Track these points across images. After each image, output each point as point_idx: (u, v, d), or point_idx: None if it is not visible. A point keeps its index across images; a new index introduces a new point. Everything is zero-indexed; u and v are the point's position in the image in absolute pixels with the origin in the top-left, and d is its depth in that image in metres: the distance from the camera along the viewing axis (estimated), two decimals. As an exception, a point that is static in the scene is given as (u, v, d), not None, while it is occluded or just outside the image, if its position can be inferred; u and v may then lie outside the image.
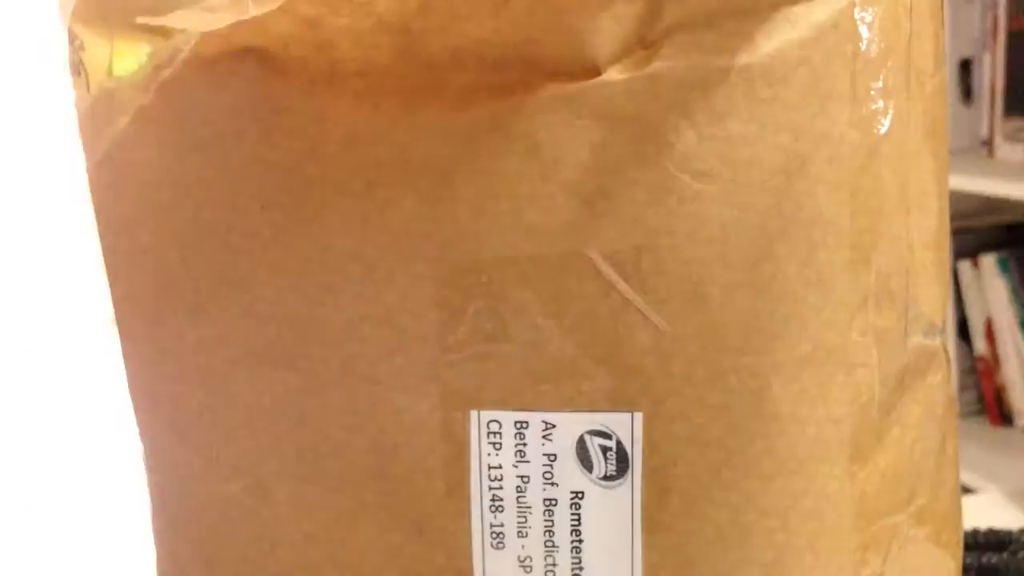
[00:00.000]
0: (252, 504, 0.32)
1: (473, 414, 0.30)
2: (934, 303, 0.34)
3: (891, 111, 0.30)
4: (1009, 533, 0.52)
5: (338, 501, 0.31)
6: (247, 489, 0.32)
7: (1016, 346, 1.44)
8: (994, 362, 1.47)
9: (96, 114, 0.31)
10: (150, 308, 0.32)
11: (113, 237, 0.32)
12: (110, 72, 0.32)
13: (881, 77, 0.30)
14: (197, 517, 0.33)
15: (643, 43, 0.28)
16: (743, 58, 0.28)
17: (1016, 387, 1.45)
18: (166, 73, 0.30)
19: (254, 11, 0.28)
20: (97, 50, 0.32)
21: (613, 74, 0.28)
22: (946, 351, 0.34)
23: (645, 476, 0.30)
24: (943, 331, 0.34)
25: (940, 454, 0.34)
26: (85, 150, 0.32)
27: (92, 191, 0.32)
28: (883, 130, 0.30)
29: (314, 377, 0.31)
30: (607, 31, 0.28)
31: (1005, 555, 0.50)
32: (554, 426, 0.30)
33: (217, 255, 0.31)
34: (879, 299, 0.31)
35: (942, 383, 0.34)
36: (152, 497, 0.34)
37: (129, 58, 0.31)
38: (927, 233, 0.33)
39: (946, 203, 0.34)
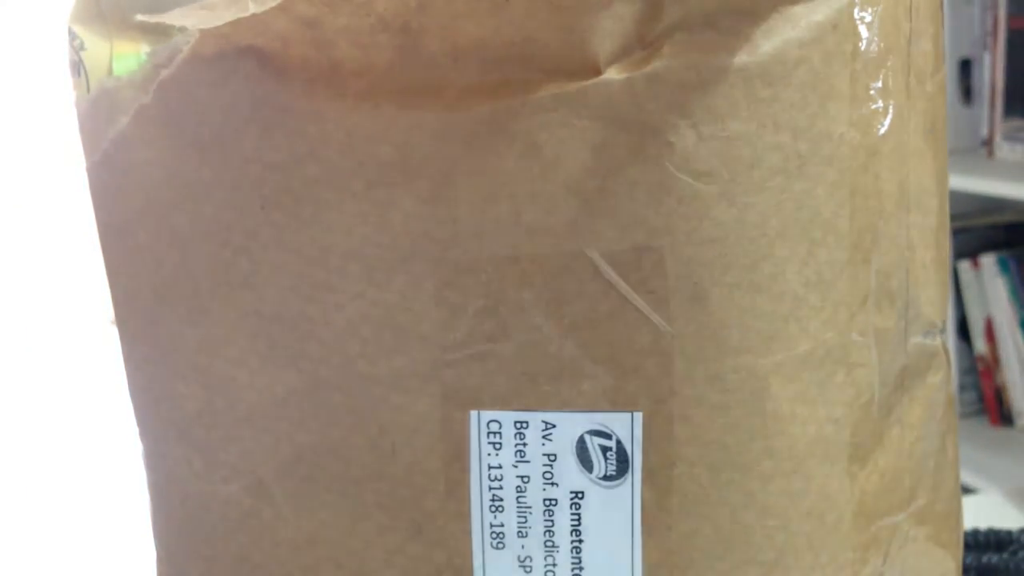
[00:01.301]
0: (252, 504, 0.32)
1: (473, 414, 0.30)
2: (934, 303, 0.34)
3: (891, 111, 0.30)
4: (1009, 533, 0.52)
5: (338, 501, 0.31)
6: (247, 489, 0.32)
7: (1016, 346, 1.44)
8: (994, 362, 1.47)
9: (96, 114, 0.31)
10: (150, 308, 0.32)
11: (113, 237, 0.32)
12: (110, 71, 0.32)
13: (881, 77, 0.30)
14: (197, 517, 0.33)
15: (643, 42, 0.28)
16: (743, 58, 0.28)
17: (1016, 387, 1.45)
18: (165, 73, 0.30)
19: (253, 9, 0.28)
20: (97, 49, 0.32)
21: (613, 73, 0.28)
22: (946, 351, 0.34)
23: (645, 476, 0.30)
24: (943, 331, 0.34)
25: (940, 454, 0.34)
26: (85, 150, 0.32)
27: (92, 191, 0.32)
28: (882, 130, 0.30)
29: (314, 377, 0.31)
30: (607, 30, 0.28)
31: (1005, 555, 0.50)
32: (554, 426, 0.30)
33: (217, 255, 0.31)
34: (879, 299, 0.31)
35: (942, 383, 0.34)
36: (152, 497, 0.34)
37: (129, 57, 0.31)
38: (927, 233, 0.33)
39: (946, 203, 0.34)
